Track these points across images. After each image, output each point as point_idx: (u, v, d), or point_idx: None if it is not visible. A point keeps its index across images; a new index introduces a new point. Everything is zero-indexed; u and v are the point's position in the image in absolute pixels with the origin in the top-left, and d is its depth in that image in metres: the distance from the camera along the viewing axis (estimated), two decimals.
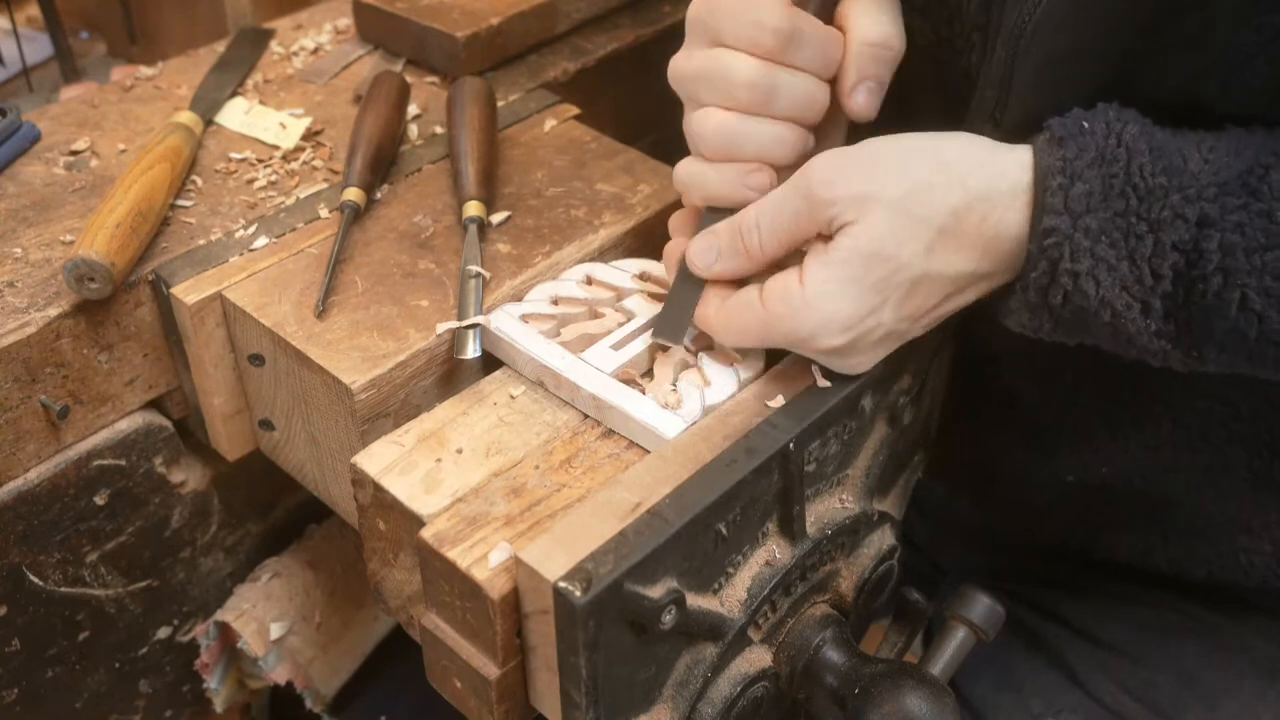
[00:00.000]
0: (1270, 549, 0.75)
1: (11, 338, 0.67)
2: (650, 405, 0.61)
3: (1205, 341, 0.56)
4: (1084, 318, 0.57)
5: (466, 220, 0.74)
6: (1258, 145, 0.55)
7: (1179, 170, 0.54)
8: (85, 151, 0.82)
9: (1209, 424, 0.70)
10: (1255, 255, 0.53)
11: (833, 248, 0.56)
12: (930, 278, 0.57)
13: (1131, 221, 0.54)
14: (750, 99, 0.59)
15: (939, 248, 0.56)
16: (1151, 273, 0.55)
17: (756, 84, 0.59)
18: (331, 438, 0.68)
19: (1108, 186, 0.55)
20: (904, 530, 0.72)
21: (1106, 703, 0.78)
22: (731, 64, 0.59)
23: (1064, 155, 0.55)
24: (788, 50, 0.59)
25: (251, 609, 0.86)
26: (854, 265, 0.56)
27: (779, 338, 0.59)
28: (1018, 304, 0.58)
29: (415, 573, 0.60)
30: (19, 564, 0.73)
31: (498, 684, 0.57)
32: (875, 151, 0.57)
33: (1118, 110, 0.57)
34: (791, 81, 0.59)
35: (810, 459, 0.61)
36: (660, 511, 0.54)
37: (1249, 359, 0.56)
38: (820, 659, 0.63)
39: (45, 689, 0.79)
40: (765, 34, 0.58)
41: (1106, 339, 0.58)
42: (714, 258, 0.61)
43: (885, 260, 0.56)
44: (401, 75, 0.86)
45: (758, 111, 0.60)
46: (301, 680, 0.88)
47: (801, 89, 0.60)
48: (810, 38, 0.59)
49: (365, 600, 0.91)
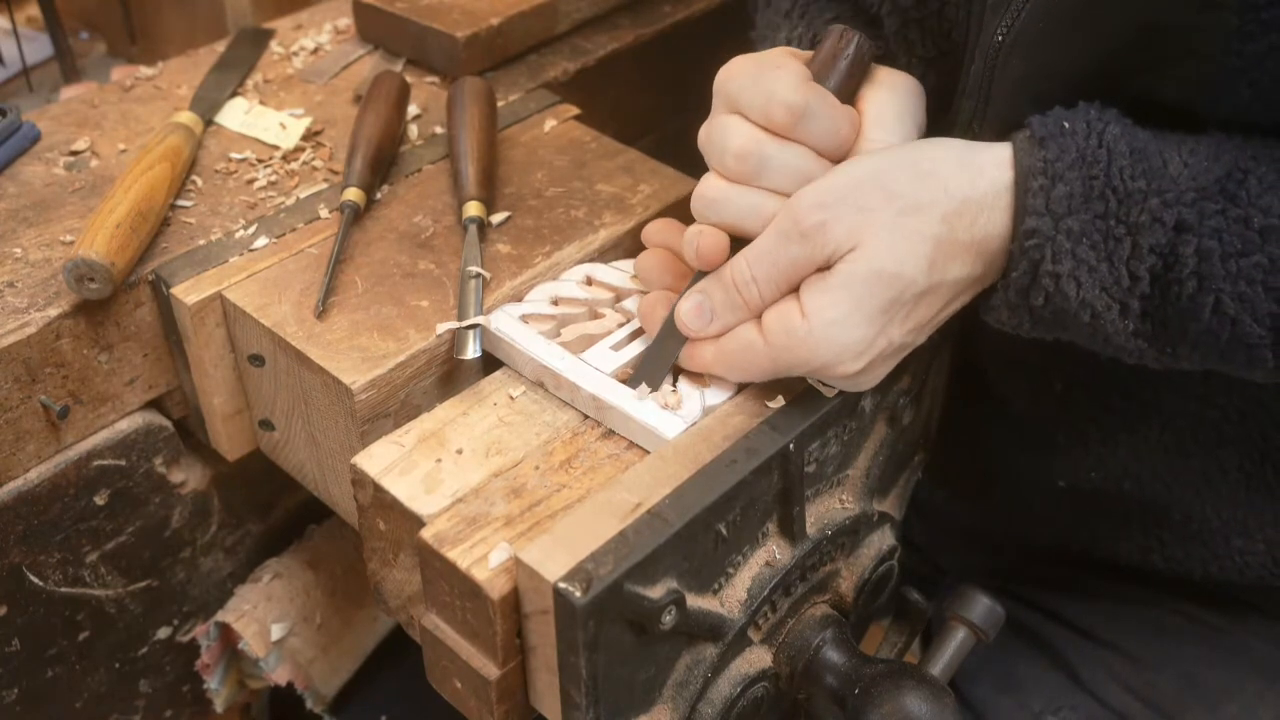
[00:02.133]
0: (1264, 549, 0.75)
1: (11, 338, 0.67)
2: (650, 406, 0.61)
3: (1179, 341, 0.56)
4: (1063, 318, 0.57)
5: (466, 220, 0.74)
6: (1236, 149, 0.55)
7: (1158, 173, 0.54)
8: (85, 151, 0.82)
9: (1200, 427, 0.70)
10: (1230, 261, 0.53)
11: (831, 274, 0.56)
12: (934, 289, 0.57)
13: (1111, 224, 0.55)
14: (739, 169, 0.59)
15: (939, 259, 0.56)
16: (1129, 275, 0.55)
17: (747, 155, 0.59)
18: (331, 438, 0.68)
19: (1088, 188, 0.55)
20: (904, 531, 0.72)
21: (1108, 703, 0.78)
22: (728, 131, 0.59)
23: (1045, 156, 0.55)
24: (798, 126, 0.58)
25: (252, 610, 0.86)
26: (856, 289, 0.55)
27: (788, 370, 0.58)
28: (999, 302, 0.58)
29: (415, 573, 0.60)
30: (19, 564, 0.73)
31: (498, 684, 0.57)
32: (854, 176, 0.57)
33: (1099, 110, 0.57)
34: (785, 157, 0.59)
35: (810, 459, 0.61)
36: (660, 512, 0.54)
37: (1220, 357, 0.57)
38: (820, 659, 0.63)
39: (45, 689, 0.79)
40: (776, 108, 0.58)
41: (1084, 337, 0.58)
42: (709, 318, 0.60)
43: (890, 281, 0.55)
44: (401, 75, 0.86)
45: (745, 182, 0.59)
46: (302, 681, 0.88)
47: (795, 166, 0.59)
48: (822, 116, 0.59)
49: (365, 600, 0.91)
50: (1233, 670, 0.78)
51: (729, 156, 0.59)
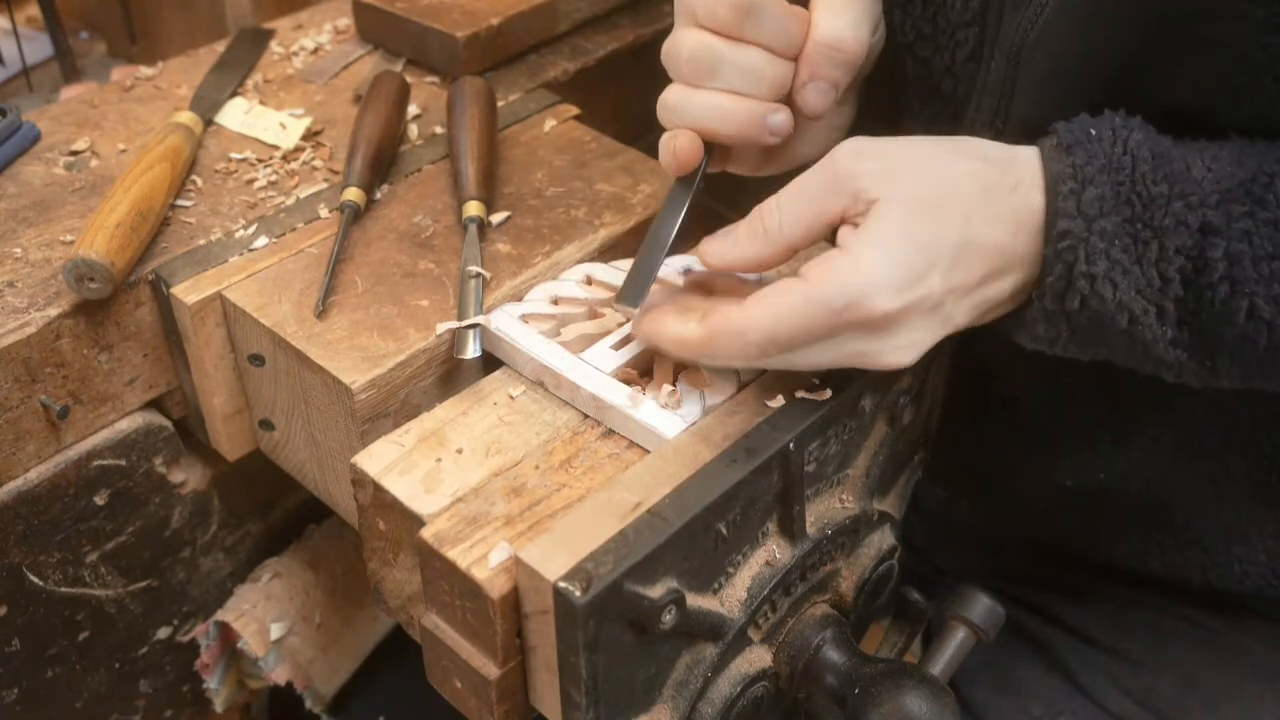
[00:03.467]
0: (1265, 559, 0.75)
1: (11, 338, 0.67)
2: (650, 405, 0.61)
3: (1217, 351, 0.56)
4: (1101, 324, 0.56)
5: (466, 220, 0.74)
6: (1260, 154, 0.55)
7: (1181, 177, 0.54)
8: (85, 151, 0.82)
9: (1209, 432, 0.70)
10: (1263, 264, 0.53)
11: (870, 214, 0.54)
12: (973, 246, 0.55)
13: (1138, 228, 0.54)
14: (692, 72, 0.60)
15: (976, 217, 0.55)
16: (1160, 276, 0.54)
17: (697, 57, 0.60)
18: (331, 438, 0.68)
19: (1116, 193, 0.54)
20: (904, 531, 0.72)
21: (1107, 706, 0.78)
22: (680, 39, 0.60)
23: (1073, 162, 0.55)
24: (745, 25, 0.59)
25: (252, 609, 0.86)
26: (895, 221, 0.54)
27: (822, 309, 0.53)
28: (1034, 314, 0.57)
29: (415, 573, 0.60)
30: (19, 564, 0.73)
31: (498, 684, 0.56)
32: (895, 140, 0.57)
33: (1123, 118, 0.56)
34: (736, 56, 0.59)
35: (810, 459, 0.61)
36: (660, 511, 0.54)
37: (1260, 370, 0.56)
38: (820, 659, 0.63)
39: (45, 689, 0.79)
40: (722, 7, 0.59)
41: (1123, 349, 0.57)
42: (731, 243, 0.58)
43: (928, 219, 0.54)
44: (401, 75, 0.86)
45: (700, 84, 0.60)
46: (301, 680, 0.88)
47: (747, 64, 0.60)
48: (769, 14, 0.59)
49: (365, 600, 0.91)
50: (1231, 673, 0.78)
51: (682, 62, 0.60)
